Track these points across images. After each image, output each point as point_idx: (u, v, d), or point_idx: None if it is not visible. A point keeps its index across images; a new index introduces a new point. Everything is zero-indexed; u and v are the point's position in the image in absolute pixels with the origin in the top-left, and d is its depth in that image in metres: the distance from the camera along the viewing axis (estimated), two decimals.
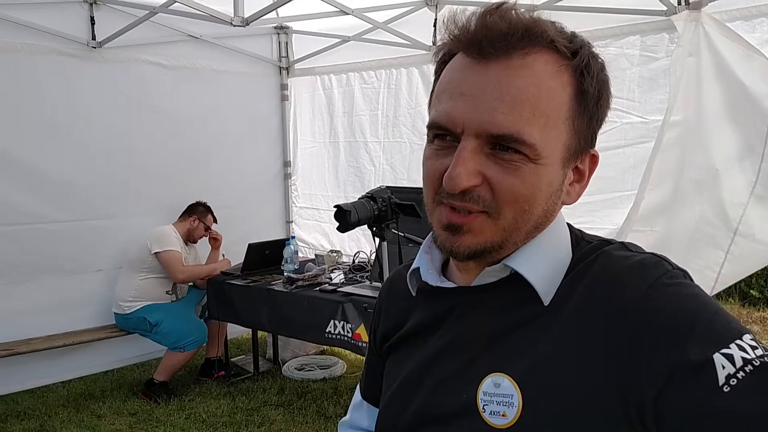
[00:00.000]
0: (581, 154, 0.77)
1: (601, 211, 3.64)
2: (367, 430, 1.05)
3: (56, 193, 4.09)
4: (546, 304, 0.75)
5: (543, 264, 0.77)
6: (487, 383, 0.75)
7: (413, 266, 0.89)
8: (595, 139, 0.78)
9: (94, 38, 4.14)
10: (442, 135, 0.74)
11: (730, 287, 5.55)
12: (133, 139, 4.42)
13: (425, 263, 0.88)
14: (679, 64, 2.85)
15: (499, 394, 0.73)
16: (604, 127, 3.01)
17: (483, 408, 0.74)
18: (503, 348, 0.76)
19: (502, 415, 0.72)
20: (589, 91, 0.73)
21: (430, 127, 0.76)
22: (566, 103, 0.72)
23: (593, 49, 0.75)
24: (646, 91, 3.42)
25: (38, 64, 3.94)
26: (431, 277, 0.86)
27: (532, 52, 0.70)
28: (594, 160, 0.79)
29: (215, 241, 4.60)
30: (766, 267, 5.36)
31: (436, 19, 4.12)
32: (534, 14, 0.73)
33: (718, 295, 6.00)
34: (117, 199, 4.39)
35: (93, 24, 4.13)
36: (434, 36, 4.19)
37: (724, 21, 2.91)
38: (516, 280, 0.77)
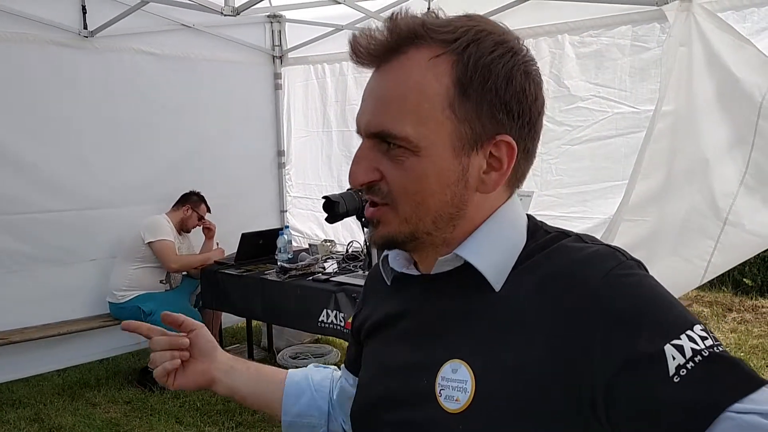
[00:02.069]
0: (484, 142, 0.75)
1: (592, 201, 3.66)
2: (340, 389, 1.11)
3: (49, 182, 4.09)
4: (497, 290, 0.77)
5: (492, 251, 0.79)
6: (446, 369, 0.77)
7: (384, 253, 0.92)
8: (505, 125, 0.75)
9: (85, 27, 4.12)
10: None
11: (723, 276, 5.58)
12: (126, 128, 4.41)
13: (394, 250, 0.90)
14: (670, 54, 2.85)
15: (455, 380, 0.76)
16: (596, 117, 3.01)
17: (440, 393, 0.76)
18: (460, 334, 0.79)
19: (456, 400, 0.74)
20: (465, 77, 0.73)
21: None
22: (441, 93, 0.73)
23: (485, 35, 0.74)
24: (637, 81, 3.42)
25: (30, 54, 3.93)
26: (398, 263, 0.89)
27: (409, 51, 0.75)
28: (510, 147, 0.76)
29: (209, 231, 4.60)
30: (759, 255, 5.39)
31: (429, 8, 4.11)
32: (419, 15, 0.76)
33: (711, 284, 6.04)
34: (110, 189, 4.38)
35: (84, 13, 4.11)
36: None
37: (715, 11, 2.90)
38: (469, 268, 0.79)
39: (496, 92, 0.74)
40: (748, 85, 2.81)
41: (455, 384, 0.75)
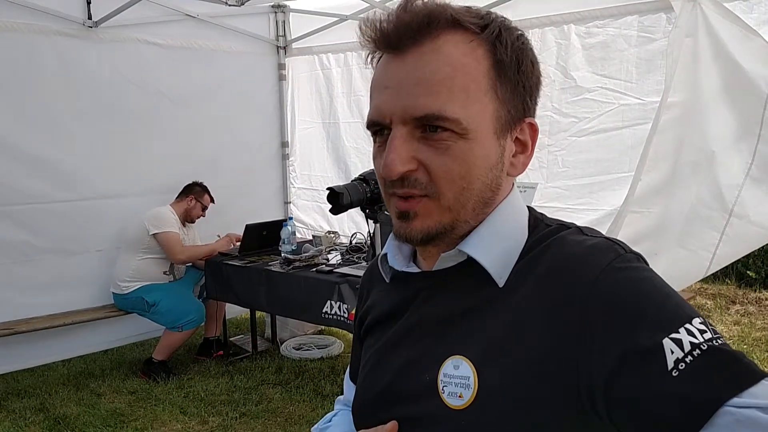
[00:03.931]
0: (516, 124, 0.78)
1: (598, 192, 3.65)
2: None
3: (54, 172, 4.10)
4: (501, 285, 0.77)
5: (495, 247, 0.78)
6: (448, 365, 0.77)
7: (382, 252, 0.92)
8: (530, 108, 0.79)
9: (90, 18, 4.11)
10: (379, 131, 0.78)
11: (726, 268, 5.56)
12: (130, 118, 4.41)
13: (392, 249, 0.90)
14: (676, 46, 2.83)
15: (458, 376, 0.75)
16: (602, 108, 3.03)
17: (442, 389, 0.76)
18: (462, 331, 0.78)
19: (459, 396, 0.74)
20: (505, 60, 0.75)
21: (368, 127, 0.79)
22: (484, 75, 0.74)
23: (507, 23, 0.77)
24: (644, 73, 3.41)
25: (34, 44, 3.92)
26: (397, 261, 0.89)
27: (442, 35, 0.74)
28: (534, 129, 0.80)
29: (228, 238, 4.58)
30: (763, 248, 5.38)
31: None
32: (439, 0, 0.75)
33: (715, 276, 6.03)
34: (115, 179, 4.39)
35: (89, 3, 4.09)
36: None
37: (722, 1, 2.88)
38: (472, 263, 0.78)
39: (526, 76, 0.77)
40: (754, 77, 2.80)
41: (458, 380, 0.75)
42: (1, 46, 3.79)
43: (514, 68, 0.75)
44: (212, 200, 4.60)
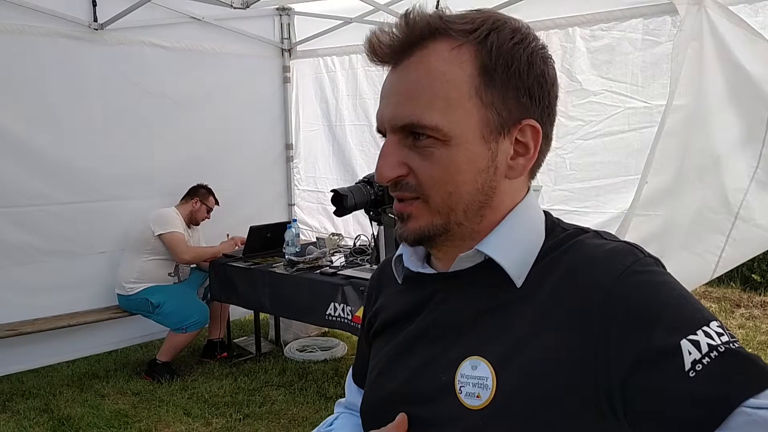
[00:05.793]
0: (512, 126, 0.77)
1: (604, 195, 3.65)
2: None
3: (59, 174, 4.11)
4: (518, 286, 0.77)
5: (514, 248, 0.79)
6: (465, 366, 0.77)
7: (397, 253, 0.92)
8: (528, 108, 0.77)
9: (96, 20, 4.12)
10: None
11: (731, 271, 5.55)
12: (135, 121, 4.42)
13: (408, 250, 0.90)
14: (681, 49, 2.82)
15: (475, 377, 0.75)
16: (608, 111, 3.02)
17: (460, 389, 0.76)
18: (480, 331, 0.78)
19: (477, 397, 0.74)
20: (489, 64, 0.74)
21: (378, 132, 0.83)
22: (466, 81, 0.74)
23: (502, 23, 0.76)
24: (649, 76, 3.40)
25: (40, 46, 3.94)
26: (412, 263, 0.89)
27: (429, 45, 0.75)
28: (535, 130, 0.78)
29: (232, 241, 4.58)
30: (767, 251, 5.36)
31: (438, 1, 4.09)
32: (433, 10, 0.76)
33: (720, 279, 6.01)
34: (119, 181, 4.40)
35: (95, 6, 4.11)
36: None
37: (727, 4, 2.88)
38: (490, 265, 0.79)
39: (520, 76, 0.75)
40: (759, 80, 2.80)
41: (475, 381, 0.75)
42: (7, 48, 3.81)
43: (501, 70, 0.74)
44: (217, 202, 4.61)
